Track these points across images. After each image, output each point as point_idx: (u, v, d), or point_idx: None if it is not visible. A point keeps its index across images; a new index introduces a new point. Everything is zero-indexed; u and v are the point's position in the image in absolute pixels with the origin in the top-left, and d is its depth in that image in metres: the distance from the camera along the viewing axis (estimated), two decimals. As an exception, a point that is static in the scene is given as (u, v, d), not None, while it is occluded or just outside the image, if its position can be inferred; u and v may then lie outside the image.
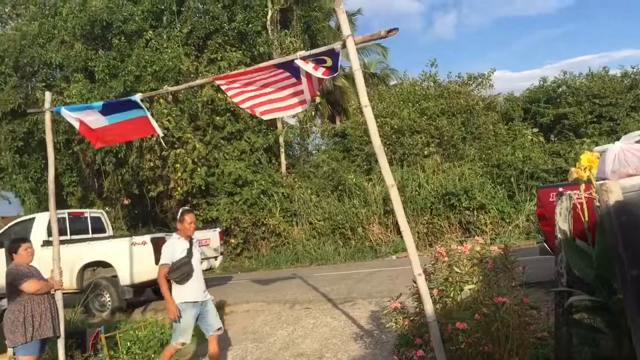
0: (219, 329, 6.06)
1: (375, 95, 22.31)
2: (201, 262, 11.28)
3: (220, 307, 9.86)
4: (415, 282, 4.75)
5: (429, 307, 4.59)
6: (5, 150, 18.73)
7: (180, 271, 5.74)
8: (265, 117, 5.91)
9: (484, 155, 17.30)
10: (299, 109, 5.66)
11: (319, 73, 5.03)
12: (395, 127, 18.60)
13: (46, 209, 16.74)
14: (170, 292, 5.79)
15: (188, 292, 5.79)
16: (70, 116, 6.44)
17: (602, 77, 20.78)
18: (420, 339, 5.00)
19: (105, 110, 6.22)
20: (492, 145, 17.89)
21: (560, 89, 21.78)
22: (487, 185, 15.42)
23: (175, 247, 5.88)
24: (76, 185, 20.26)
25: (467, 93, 20.26)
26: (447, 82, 21.01)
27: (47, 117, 6.71)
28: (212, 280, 13.68)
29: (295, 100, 5.48)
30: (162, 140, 8.52)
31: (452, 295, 4.94)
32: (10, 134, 18.40)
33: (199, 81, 7.31)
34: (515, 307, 4.67)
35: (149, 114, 6.06)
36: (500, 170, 15.94)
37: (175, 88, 6.70)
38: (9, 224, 12.22)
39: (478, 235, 13.83)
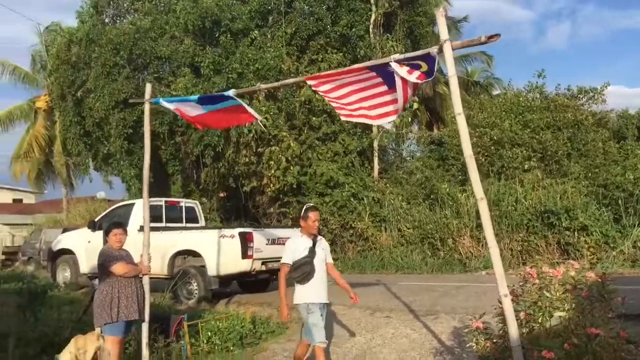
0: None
1: (476, 104, 21.67)
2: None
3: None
4: (500, 302, 4.49)
5: (513, 331, 4.32)
6: (116, 137, 19.81)
7: (301, 270, 5.55)
8: (351, 120, 5.84)
9: (590, 174, 16.30)
10: (384, 121, 5.49)
11: (413, 77, 4.86)
12: (495, 138, 17.95)
13: (151, 195, 17.57)
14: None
15: (311, 293, 5.59)
16: (169, 106, 6.68)
17: None
18: (503, 363, 4.71)
19: (202, 102, 6.38)
20: (599, 163, 16.83)
21: (680, 108, 20.18)
22: (592, 206, 14.48)
23: (297, 246, 5.68)
24: (179, 174, 21.10)
25: (575, 107, 19.21)
26: (555, 95, 20.01)
27: (147, 107, 6.97)
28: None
29: (383, 110, 5.31)
30: (261, 124, 8.43)
31: (540, 321, 4.61)
32: (121, 121, 19.43)
33: (291, 80, 7.32)
34: (610, 340, 4.30)
35: (244, 103, 6.11)
36: (608, 191, 14.91)
37: (268, 86, 6.75)
38: (111, 207, 12.89)
39: (577, 259, 13.07)
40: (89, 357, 6.54)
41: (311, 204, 6.12)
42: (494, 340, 4.89)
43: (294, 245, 5.68)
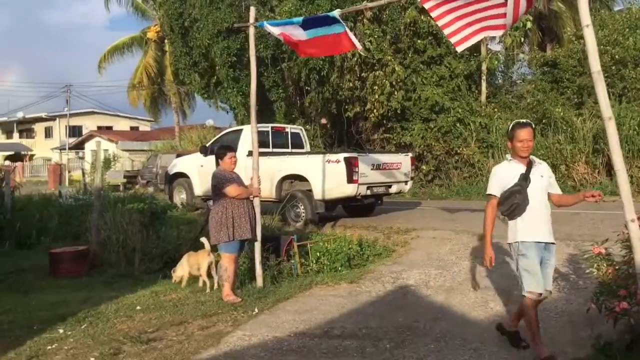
0: (548, 290, 4.62)
1: (596, 21, 19.95)
2: (390, 186, 11.41)
3: (406, 230, 9.95)
4: (626, 227, 4.23)
5: (639, 258, 4.08)
6: (221, 65, 20.23)
7: (509, 202, 4.51)
8: (462, 47, 5.47)
9: None
10: (493, 33, 5.15)
11: None
12: (617, 57, 16.56)
13: (258, 122, 17.96)
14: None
15: (523, 229, 4.54)
16: (273, 30, 6.65)
17: None
18: (626, 289, 4.46)
19: (305, 25, 6.31)
20: None
21: None
22: None
23: (506, 173, 4.61)
24: (282, 101, 21.36)
25: None
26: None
27: (251, 31, 7.00)
28: (400, 205, 13.84)
29: (493, 22, 4.99)
30: (362, 53, 8.18)
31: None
32: (225, 49, 19.74)
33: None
34: None
35: (348, 29, 6.00)
36: None
37: (374, 4, 6.53)
38: (221, 134, 13.34)
39: None
40: (203, 271, 7.02)
41: (522, 121, 4.81)
42: (617, 267, 4.66)
43: (502, 172, 4.63)
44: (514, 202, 4.50)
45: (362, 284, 7.06)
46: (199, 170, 12.70)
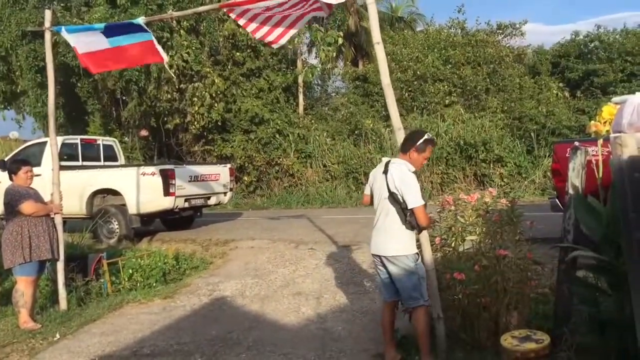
0: None
1: (400, 40, 21.68)
2: (209, 198, 11.30)
3: (225, 242, 9.92)
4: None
5: (427, 255, 4.49)
6: (26, 70, 18.66)
7: None
8: (279, 43, 5.59)
9: (506, 108, 16.87)
10: (309, 16, 5.32)
11: None
12: (418, 73, 18.14)
13: (69, 134, 16.80)
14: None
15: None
16: (70, 38, 6.18)
17: (637, 35, 19.89)
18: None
19: (108, 32, 5.95)
20: (516, 98, 17.42)
21: (592, 44, 20.96)
22: (506, 139, 15.12)
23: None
24: (97, 112, 20.23)
25: (495, 43, 19.61)
26: (475, 31, 20.32)
27: (47, 36, 6.45)
28: (221, 216, 13.76)
29: (308, 8, 5.14)
30: (168, 68, 8.10)
31: (453, 245, 4.80)
32: (31, 52, 18.25)
33: (204, 7, 6.93)
34: (517, 261, 4.53)
35: (154, 39, 5.81)
36: (522, 123, 15.60)
37: (179, 13, 6.50)
38: (22, 147, 12.26)
39: (492, 188, 13.66)
40: None
41: (433, 137, 4.47)
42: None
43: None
44: None
45: (177, 298, 6.88)
46: (-3, 186, 11.52)
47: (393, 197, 4.12)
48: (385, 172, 4.16)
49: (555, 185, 7.49)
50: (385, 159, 4.34)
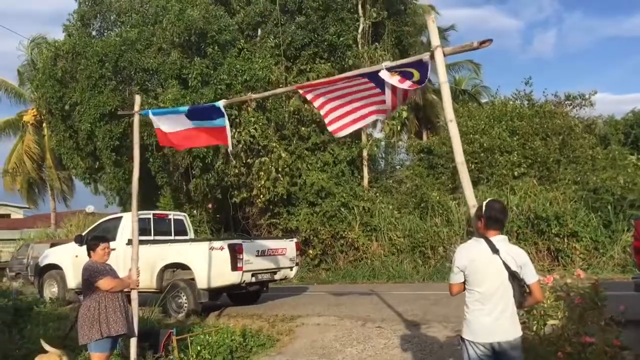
0: None
1: (465, 113, 21.70)
2: (276, 273, 11.27)
3: (291, 318, 9.81)
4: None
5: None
6: (103, 149, 19.72)
7: None
8: (340, 135, 5.71)
9: (579, 179, 16.32)
10: (373, 118, 5.43)
11: (405, 85, 4.83)
12: (485, 145, 17.96)
13: (140, 208, 17.41)
14: None
15: None
16: (156, 121, 6.63)
17: None
18: None
19: (191, 115, 6.35)
20: (588, 169, 16.87)
21: (666, 112, 20.31)
22: (581, 212, 14.50)
23: None
24: (167, 186, 20.97)
25: (563, 114, 19.28)
26: (543, 102, 20.08)
27: (136, 119, 6.94)
28: (287, 290, 13.71)
29: (373, 108, 5.28)
30: (230, 153, 8.09)
31: (534, 329, 4.58)
32: (107, 133, 19.33)
33: (281, 89, 7.30)
34: (605, 348, 4.26)
35: (227, 125, 6.11)
36: (597, 195, 14.94)
37: (258, 95, 6.75)
38: (99, 221, 12.75)
39: (567, 265, 13.07)
40: None
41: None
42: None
43: None
44: None
45: (244, 378, 6.80)
46: (73, 260, 11.94)
47: (513, 276, 3.86)
48: (497, 251, 3.90)
49: (637, 263, 7.08)
50: (473, 241, 4.05)
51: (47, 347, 6.29)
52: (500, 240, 3.96)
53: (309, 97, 5.61)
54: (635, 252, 7.15)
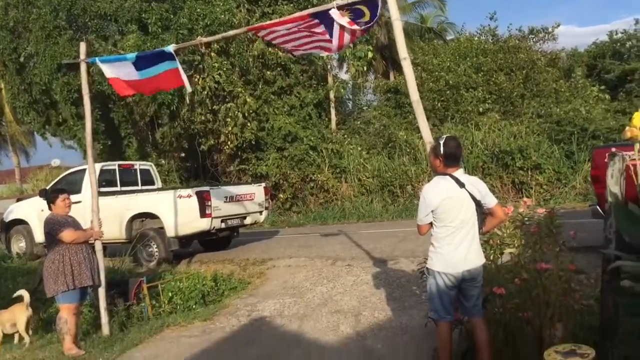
0: None
1: (430, 50, 21.60)
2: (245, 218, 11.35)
3: (262, 261, 9.94)
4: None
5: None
6: (63, 102, 19.18)
7: None
8: (297, 53, 5.85)
9: (543, 112, 16.53)
10: (321, 52, 5.68)
11: (355, 27, 4.89)
12: (451, 82, 17.99)
13: (107, 159, 17.19)
14: None
15: None
16: (104, 67, 6.47)
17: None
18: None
19: (139, 63, 6.20)
20: (552, 102, 17.08)
21: (629, 43, 20.47)
22: (544, 145, 14.77)
23: None
24: (133, 137, 20.63)
25: (527, 48, 19.33)
26: (507, 37, 20.07)
27: (82, 68, 6.73)
28: (258, 235, 13.83)
29: (320, 45, 5.33)
30: (188, 89, 7.83)
31: (492, 259, 4.71)
32: (65, 86, 18.76)
33: (233, 32, 7.07)
34: (559, 273, 4.41)
35: (180, 67, 6.01)
36: (560, 127, 15.18)
37: (209, 39, 6.60)
38: (63, 174, 12.56)
39: (531, 197, 13.38)
40: (21, 327, 6.48)
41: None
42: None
43: None
44: None
45: (216, 320, 6.92)
46: (39, 214, 11.76)
47: (479, 205, 4.13)
48: (462, 185, 4.07)
49: (595, 191, 7.28)
50: (440, 179, 4.16)
51: (25, 295, 6.49)
52: (461, 174, 4.15)
53: (260, 34, 5.63)
54: (592, 180, 7.35)
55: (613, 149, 4.14)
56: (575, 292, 4.56)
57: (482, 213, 4.19)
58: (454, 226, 4.08)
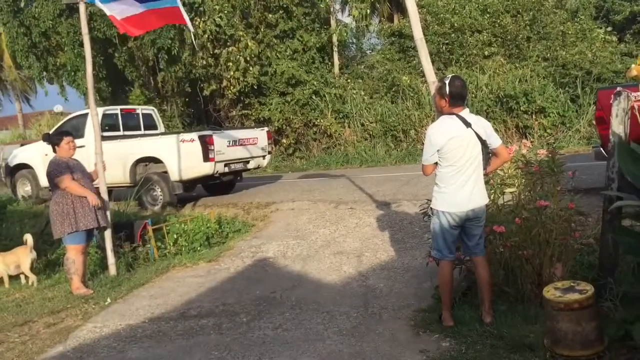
0: None
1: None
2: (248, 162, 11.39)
3: (266, 204, 10.03)
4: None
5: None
6: (68, 46, 18.94)
7: None
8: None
9: (548, 55, 16.27)
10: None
11: None
12: (456, 25, 17.64)
13: (111, 104, 17.11)
14: None
15: None
16: (104, 7, 6.34)
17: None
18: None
19: None
20: (559, 45, 16.78)
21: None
22: (549, 88, 14.59)
23: None
24: (136, 81, 20.46)
25: (534, -12, 18.83)
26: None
27: (82, 9, 6.60)
28: (262, 180, 13.90)
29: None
30: (192, 37, 7.73)
31: (492, 198, 4.73)
32: (71, 28, 18.49)
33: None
34: (559, 212, 4.44)
35: (181, 6, 5.90)
36: (565, 70, 14.98)
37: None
38: (65, 119, 12.53)
39: (535, 140, 13.35)
40: (25, 268, 6.61)
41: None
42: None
43: None
44: None
45: (221, 261, 7.04)
46: (43, 159, 11.81)
47: (484, 144, 4.16)
48: (469, 124, 4.08)
49: (599, 133, 7.24)
50: (446, 118, 4.16)
51: (29, 239, 6.58)
52: (467, 114, 4.17)
53: None
54: (597, 121, 7.30)
55: (619, 88, 4.10)
56: (575, 232, 4.62)
57: (487, 153, 4.23)
58: (459, 166, 4.11)
